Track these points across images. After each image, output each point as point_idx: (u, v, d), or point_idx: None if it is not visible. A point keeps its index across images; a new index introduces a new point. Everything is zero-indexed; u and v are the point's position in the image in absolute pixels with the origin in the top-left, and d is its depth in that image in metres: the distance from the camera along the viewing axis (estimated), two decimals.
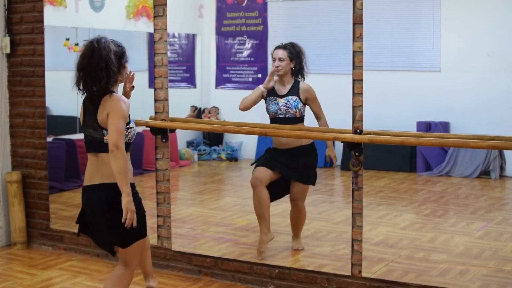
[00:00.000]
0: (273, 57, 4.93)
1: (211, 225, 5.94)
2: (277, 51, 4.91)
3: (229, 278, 4.77)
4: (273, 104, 4.87)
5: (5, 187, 5.62)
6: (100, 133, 3.43)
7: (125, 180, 3.35)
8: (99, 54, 3.40)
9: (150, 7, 6.07)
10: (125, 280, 3.60)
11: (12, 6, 5.56)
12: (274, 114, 4.86)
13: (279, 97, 4.86)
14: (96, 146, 3.47)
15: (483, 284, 4.34)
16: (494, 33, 7.70)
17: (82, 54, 3.45)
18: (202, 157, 9.16)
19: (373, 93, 4.84)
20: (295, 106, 4.82)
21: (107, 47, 3.42)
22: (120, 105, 3.39)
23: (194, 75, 9.39)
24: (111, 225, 3.45)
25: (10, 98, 5.67)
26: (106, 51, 3.41)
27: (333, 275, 4.43)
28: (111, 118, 3.38)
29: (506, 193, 7.57)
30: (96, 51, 3.41)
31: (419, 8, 8.18)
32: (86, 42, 3.49)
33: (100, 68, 3.39)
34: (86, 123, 3.50)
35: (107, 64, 3.40)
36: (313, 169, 4.98)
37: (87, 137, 3.51)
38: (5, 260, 5.34)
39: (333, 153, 4.97)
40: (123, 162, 3.34)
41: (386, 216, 6.13)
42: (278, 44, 4.96)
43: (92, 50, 3.41)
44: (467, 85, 7.88)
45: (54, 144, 6.23)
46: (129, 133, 3.47)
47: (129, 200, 3.35)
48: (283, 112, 4.83)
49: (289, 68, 4.87)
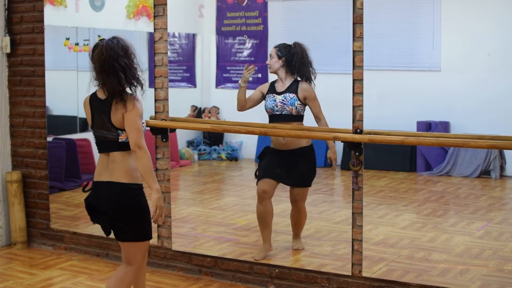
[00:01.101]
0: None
1: (211, 224, 5.94)
2: (272, 48, 4.99)
3: (229, 278, 4.77)
4: (271, 100, 4.89)
5: (5, 187, 5.62)
6: (115, 133, 3.44)
7: (152, 177, 3.40)
8: (126, 52, 3.43)
9: (150, 7, 6.06)
10: (128, 279, 3.60)
11: (12, 6, 5.56)
12: (271, 110, 4.88)
13: (277, 94, 4.89)
14: (108, 146, 3.48)
15: (483, 284, 4.34)
16: (494, 33, 7.70)
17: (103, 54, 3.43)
18: (202, 157, 9.16)
19: (373, 93, 4.84)
20: (291, 103, 4.82)
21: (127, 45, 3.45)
22: (136, 104, 3.42)
23: (194, 75, 9.39)
24: (116, 222, 3.48)
25: (10, 97, 5.67)
26: (125, 49, 3.44)
27: (333, 275, 4.43)
28: (129, 118, 3.40)
29: (506, 193, 7.57)
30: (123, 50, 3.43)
31: (419, 8, 8.18)
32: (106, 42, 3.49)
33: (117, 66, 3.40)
34: (96, 124, 3.50)
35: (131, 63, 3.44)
36: (312, 171, 4.98)
37: (99, 138, 3.52)
38: (5, 259, 5.34)
39: (334, 155, 4.96)
40: (147, 160, 3.38)
41: (386, 215, 6.13)
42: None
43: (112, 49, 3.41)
44: (467, 85, 7.88)
45: (54, 143, 6.24)
46: (143, 128, 3.50)
47: (158, 197, 3.40)
48: (279, 108, 4.84)
49: (278, 65, 4.91)
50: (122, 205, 3.45)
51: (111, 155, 3.47)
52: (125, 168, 3.46)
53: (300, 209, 5.00)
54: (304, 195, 4.98)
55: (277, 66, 4.91)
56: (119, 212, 3.45)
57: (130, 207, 3.47)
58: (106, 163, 3.49)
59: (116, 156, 3.46)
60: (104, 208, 3.48)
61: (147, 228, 3.53)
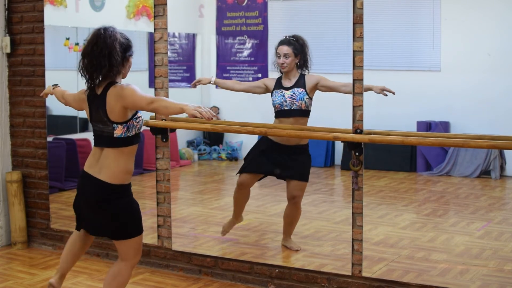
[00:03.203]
0: (278, 53, 4.93)
1: (211, 224, 5.93)
2: (282, 47, 4.92)
3: (229, 278, 4.77)
4: (279, 96, 4.88)
5: (5, 187, 5.61)
6: (111, 127, 3.45)
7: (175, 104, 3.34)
8: (103, 42, 3.41)
9: (151, 7, 6.06)
10: (121, 275, 3.62)
11: (12, 6, 5.56)
12: (280, 106, 4.87)
13: (285, 90, 4.89)
14: (104, 141, 3.49)
15: (483, 284, 4.34)
16: (494, 33, 7.69)
17: (87, 40, 3.48)
18: (202, 157, 9.16)
19: (373, 93, 4.84)
20: (300, 98, 4.83)
21: (113, 35, 3.43)
22: (128, 86, 3.42)
23: (194, 75, 9.37)
24: (101, 218, 3.52)
25: (10, 97, 5.67)
26: (112, 39, 3.42)
27: (334, 275, 4.43)
28: (130, 98, 3.39)
29: (506, 193, 7.57)
30: (101, 38, 3.42)
31: (419, 8, 8.17)
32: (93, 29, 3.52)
33: (103, 55, 3.40)
34: (93, 118, 3.52)
35: (111, 52, 3.40)
36: (309, 167, 5.00)
37: (96, 132, 3.54)
38: (5, 259, 5.34)
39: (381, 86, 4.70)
40: (164, 101, 3.35)
41: (386, 215, 6.13)
42: (282, 39, 4.96)
43: (97, 37, 3.44)
44: (467, 85, 7.87)
45: (55, 143, 6.23)
46: (138, 123, 3.50)
47: (189, 107, 3.30)
48: (289, 104, 4.84)
49: (294, 63, 4.89)
50: (102, 200, 3.47)
51: (105, 150, 3.49)
52: (114, 169, 3.46)
53: (297, 206, 5.00)
54: (303, 190, 4.99)
55: (293, 65, 4.89)
56: (98, 208, 3.48)
57: (110, 205, 3.48)
58: (98, 157, 3.51)
59: (109, 153, 3.46)
60: (84, 199, 3.53)
61: (132, 225, 3.54)
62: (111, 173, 3.46)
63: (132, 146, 3.52)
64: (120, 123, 3.44)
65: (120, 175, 3.48)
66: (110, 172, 3.45)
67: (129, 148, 3.50)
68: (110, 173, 3.46)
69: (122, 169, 3.48)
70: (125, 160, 3.49)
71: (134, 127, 3.49)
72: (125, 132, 3.46)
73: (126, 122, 3.45)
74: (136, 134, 3.52)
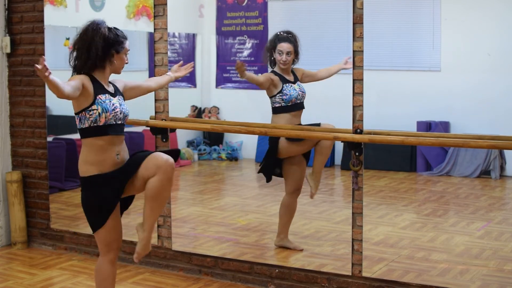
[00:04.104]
0: (279, 50, 4.94)
1: (211, 224, 5.93)
2: (283, 44, 4.95)
3: (229, 278, 4.77)
4: (292, 89, 4.92)
5: (5, 187, 5.62)
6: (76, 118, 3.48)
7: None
8: (85, 34, 3.44)
9: (151, 7, 6.06)
10: (99, 271, 3.67)
11: (12, 6, 5.56)
12: (296, 99, 4.91)
13: (292, 83, 4.93)
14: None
15: (483, 284, 4.34)
16: (494, 33, 7.69)
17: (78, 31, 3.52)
18: (202, 157, 9.16)
19: (373, 93, 4.84)
20: (304, 90, 4.97)
21: (96, 28, 3.44)
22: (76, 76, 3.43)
23: (194, 75, 9.38)
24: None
25: (10, 97, 5.67)
26: (94, 32, 3.43)
27: (333, 275, 4.43)
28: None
29: (506, 193, 7.57)
30: (86, 31, 3.45)
31: (419, 8, 8.17)
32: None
33: (81, 47, 3.43)
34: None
35: (89, 45, 3.42)
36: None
37: None
38: (5, 259, 5.34)
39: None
40: (56, 92, 3.19)
41: (386, 215, 6.13)
42: (281, 36, 4.97)
43: (84, 29, 3.47)
44: (467, 85, 7.88)
45: (55, 143, 6.23)
46: (91, 115, 3.41)
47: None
48: (300, 97, 4.93)
49: (292, 59, 4.95)
50: (84, 194, 3.55)
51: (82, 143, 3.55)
52: (80, 160, 3.51)
53: (295, 200, 5.02)
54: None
55: (291, 61, 4.97)
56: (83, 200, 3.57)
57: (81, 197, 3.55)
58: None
59: (83, 147, 3.51)
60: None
61: (91, 220, 3.56)
62: (79, 164, 3.50)
63: (90, 139, 3.43)
64: (76, 114, 3.46)
65: (81, 165, 3.48)
66: (79, 162, 3.51)
67: (88, 140, 3.44)
68: (79, 164, 3.50)
69: (82, 160, 3.47)
70: (86, 151, 3.46)
71: (86, 119, 3.41)
72: (79, 123, 3.44)
73: (78, 113, 3.44)
74: (92, 127, 3.41)
